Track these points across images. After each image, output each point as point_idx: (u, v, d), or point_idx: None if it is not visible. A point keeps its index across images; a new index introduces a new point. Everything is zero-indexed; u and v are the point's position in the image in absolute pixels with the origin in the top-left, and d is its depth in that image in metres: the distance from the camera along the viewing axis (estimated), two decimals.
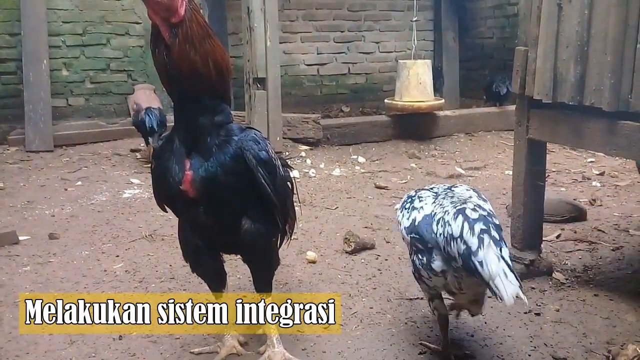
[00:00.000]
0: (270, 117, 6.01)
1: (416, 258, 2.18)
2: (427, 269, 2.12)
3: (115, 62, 7.41)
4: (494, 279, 1.88)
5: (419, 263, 2.16)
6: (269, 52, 5.90)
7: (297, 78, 8.57)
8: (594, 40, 2.63)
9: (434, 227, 2.08)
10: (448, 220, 2.03)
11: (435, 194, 2.29)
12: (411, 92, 6.63)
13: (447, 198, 2.20)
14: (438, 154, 6.43)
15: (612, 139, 2.63)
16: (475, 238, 1.94)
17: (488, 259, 1.90)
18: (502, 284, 1.88)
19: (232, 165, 2.04)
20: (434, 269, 2.09)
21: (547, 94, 2.85)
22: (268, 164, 2.11)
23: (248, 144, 2.06)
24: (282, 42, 7.66)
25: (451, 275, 2.07)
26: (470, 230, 1.96)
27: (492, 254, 1.91)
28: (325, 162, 5.96)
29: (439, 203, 2.18)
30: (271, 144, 2.24)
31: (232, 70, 2.09)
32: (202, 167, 2.03)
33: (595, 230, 3.90)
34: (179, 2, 1.93)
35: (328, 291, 3.05)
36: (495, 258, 1.91)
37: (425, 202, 2.24)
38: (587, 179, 5.26)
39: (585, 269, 3.29)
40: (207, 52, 1.97)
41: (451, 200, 2.16)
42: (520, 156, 3.14)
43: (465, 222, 1.99)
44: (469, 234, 1.95)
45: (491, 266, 1.89)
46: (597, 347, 2.47)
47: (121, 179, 5.36)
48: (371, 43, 8.94)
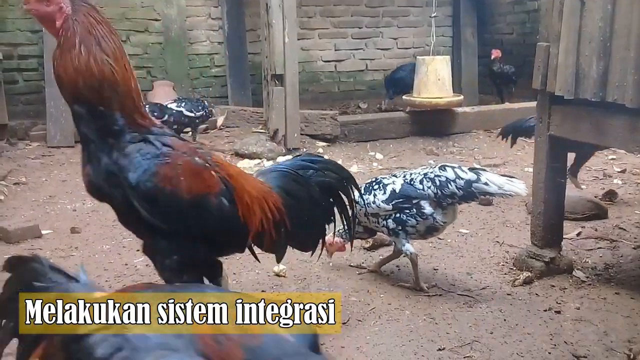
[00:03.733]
0: (287, 114, 6.02)
1: (400, 216, 2.89)
2: (417, 215, 2.86)
3: (134, 58, 7.46)
4: (503, 186, 2.72)
5: (405, 217, 2.88)
6: (287, 48, 5.91)
7: (315, 74, 8.57)
8: (617, 36, 2.59)
9: (418, 186, 2.87)
10: (434, 175, 2.84)
11: (394, 175, 3.05)
12: (429, 88, 6.59)
13: (408, 173, 2.98)
14: (456, 150, 6.40)
15: (635, 136, 2.60)
16: (471, 173, 2.79)
17: (490, 177, 2.77)
18: (511, 186, 2.72)
19: (109, 179, 1.94)
20: (425, 214, 2.86)
21: (569, 90, 2.82)
22: (141, 192, 1.92)
23: (124, 163, 1.92)
24: (299, 38, 7.65)
25: (440, 214, 2.86)
26: (462, 171, 2.80)
27: (490, 174, 2.81)
28: (343, 159, 5.96)
29: (406, 176, 2.96)
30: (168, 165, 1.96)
31: (124, 79, 1.97)
32: (91, 172, 1.98)
33: (616, 228, 3.86)
34: (56, 14, 1.96)
35: (346, 287, 3.06)
36: (495, 175, 2.81)
37: (392, 179, 2.98)
38: (609, 176, 5.20)
39: (606, 267, 3.25)
40: (83, 62, 1.92)
41: (417, 171, 2.95)
42: (541, 153, 3.11)
43: (454, 168, 2.84)
44: (464, 173, 2.79)
45: (496, 180, 2.75)
46: (617, 345, 2.45)
47: None
48: (389, 39, 8.90)
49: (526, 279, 3.04)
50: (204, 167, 2.03)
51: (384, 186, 2.97)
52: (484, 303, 2.85)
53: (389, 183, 2.97)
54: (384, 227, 2.98)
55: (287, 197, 2.25)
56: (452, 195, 2.81)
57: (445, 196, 2.82)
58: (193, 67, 7.80)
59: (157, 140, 1.98)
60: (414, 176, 2.93)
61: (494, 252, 3.50)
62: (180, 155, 1.98)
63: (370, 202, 2.96)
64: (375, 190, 2.98)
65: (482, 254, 3.49)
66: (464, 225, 3.97)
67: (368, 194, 2.98)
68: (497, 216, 4.16)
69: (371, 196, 2.97)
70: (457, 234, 3.80)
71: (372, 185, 3.03)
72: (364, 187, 3.02)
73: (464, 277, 3.19)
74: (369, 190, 3.00)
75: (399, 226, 2.92)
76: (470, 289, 3.00)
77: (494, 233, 3.82)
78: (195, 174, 1.99)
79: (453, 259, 3.43)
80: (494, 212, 4.26)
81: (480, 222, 4.04)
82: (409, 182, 2.92)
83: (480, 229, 3.91)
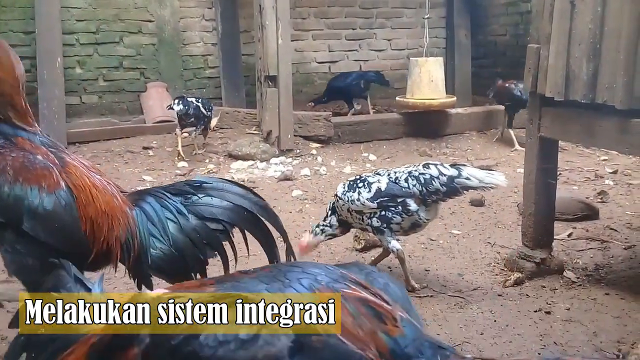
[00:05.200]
0: (281, 115, 6.02)
1: (386, 213, 2.95)
2: (403, 212, 2.92)
3: (128, 60, 7.46)
4: (484, 179, 2.82)
5: (391, 215, 2.94)
6: (280, 49, 5.91)
7: (309, 76, 8.57)
8: (607, 38, 2.61)
9: (403, 184, 2.93)
10: (419, 173, 2.91)
11: (378, 173, 3.09)
12: (422, 89, 6.60)
13: (392, 172, 3.03)
14: (449, 151, 6.41)
15: (624, 137, 2.61)
16: (453, 169, 2.88)
17: (471, 172, 2.85)
18: (492, 178, 2.82)
19: None
20: (410, 210, 2.91)
21: (559, 91, 2.83)
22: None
23: None
24: (293, 39, 7.66)
25: (423, 211, 2.92)
26: (444, 168, 2.89)
27: (471, 169, 2.90)
28: (336, 160, 5.97)
29: (390, 174, 3.01)
30: None
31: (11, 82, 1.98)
32: None
33: (607, 228, 3.88)
34: None
35: None
36: (476, 170, 2.90)
37: (377, 178, 3.03)
38: (600, 177, 5.22)
39: (596, 267, 3.27)
40: None
41: (401, 170, 3.02)
42: (531, 154, 3.12)
43: (437, 165, 2.92)
44: (446, 169, 2.88)
45: (476, 174, 2.84)
46: (607, 346, 2.46)
47: (133, 176, 5.40)
48: (383, 40, 8.91)
49: (517, 279, 3.05)
50: (44, 165, 1.99)
51: (369, 184, 3.01)
52: (475, 304, 2.86)
53: (374, 181, 3.01)
54: (368, 225, 3.03)
55: (147, 221, 2.10)
56: (437, 192, 2.88)
57: (430, 193, 2.89)
58: (187, 69, 7.78)
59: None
60: (399, 174, 2.99)
61: (485, 253, 3.51)
62: (18, 150, 1.97)
63: (354, 200, 3.00)
64: (360, 188, 3.02)
65: (474, 254, 3.50)
66: (456, 226, 3.98)
67: (352, 191, 3.03)
68: (489, 217, 4.18)
69: (355, 194, 3.01)
70: (449, 235, 3.82)
71: (357, 183, 3.07)
72: (348, 185, 3.09)
73: (455, 278, 3.20)
74: (353, 187, 3.05)
75: (384, 224, 2.97)
76: (461, 290, 3.01)
77: (486, 234, 3.83)
78: (26, 168, 1.96)
79: (445, 260, 3.44)
80: (486, 212, 4.27)
81: (472, 223, 4.05)
82: (394, 180, 2.98)
83: (472, 229, 3.93)
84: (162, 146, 6.35)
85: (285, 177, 5.28)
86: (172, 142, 6.21)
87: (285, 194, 4.86)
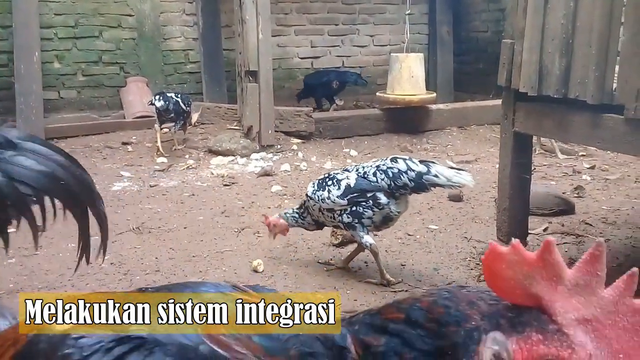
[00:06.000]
0: (262, 110, 5.99)
1: (357, 209, 2.94)
2: (374, 206, 2.92)
3: (107, 54, 7.38)
4: (451, 179, 2.80)
5: (362, 209, 2.93)
6: (261, 44, 5.87)
7: (291, 71, 8.55)
8: (579, 33, 2.63)
9: (372, 179, 2.92)
10: (387, 167, 2.90)
11: (347, 170, 3.08)
12: (403, 85, 6.61)
13: (360, 167, 3.03)
14: (430, 147, 6.43)
15: (596, 132, 2.63)
16: (422, 165, 2.85)
17: (439, 170, 2.83)
18: (459, 178, 2.81)
19: None
20: (381, 204, 2.91)
21: (532, 86, 2.85)
22: None
23: None
24: (275, 35, 7.64)
25: (393, 204, 2.92)
26: (413, 163, 2.87)
27: (440, 167, 2.87)
28: (317, 155, 5.96)
29: (359, 169, 3.01)
30: None
31: None
32: None
33: (583, 223, 3.91)
34: None
35: (313, 284, 3.06)
36: (444, 168, 2.87)
37: (346, 174, 3.02)
38: (578, 172, 5.26)
39: (570, 261, 3.19)
40: None
41: (369, 164, 3.00)
42: (506, 149, 3.14)
43: (405, 160, 2.90)
44: (414, 165, 2.86)
45: (445, 173, 2.82)
46: None
47: (111, 172, 5.34)
48: (365, 36, 8.91)
49: None
50: None
51: (337, 181, 3.01)
52: None
53: (343, 178, 3.01)
54: (340, 222, 3.03)
55: None
56: (404, 186, 2.88)
57: (398, 187, 2.89)
58: (167, 63, 7.72)
59: None
60: (367, 169, 2.98)
61: (461, 248, 3.52)
62: None
63: (324, 198, 3.01)
64: (329, 186, 3.02)
65: (450, 249, 3.51)
66: (433, 221, 3.99)
67: (321, 190, 3.03)
68: (467, 212, 4.19)
69: (325, 192, 3.01)
70: (426, 230, 3.82)
71: (326, 181, 3.06)
72: (317, 183, 3.09)
73: (430, 272, 3.20)
74: (322, 186, 3.05)
75: (355, 219, 2.97)
76: (436, 284, 3.02)
77: (463, 229, 3.85)
78: None
79: (421, 254, 3.45)
80: (464, 208, 4.29)
81: (449, 218, 4.06)
82: (362, 175, 2.97)
83: (449, 224, 3.94)
84: (141, 142, 6.29)
85: (265, 173, 5.26)
86: (152, 137, 6.15)
87: (265, 190, 4.84)
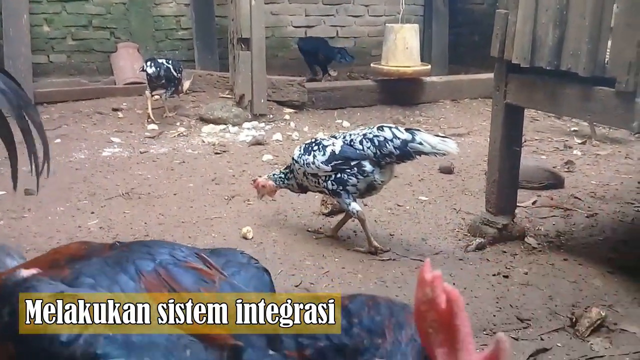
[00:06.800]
0: (254, 79, 5.93)
1: (341, 175, 2.95)
2: (359, 174, 2.92)
3: (97, 18, 7.24)
4: (436, 146, 2.80)
5: (346, 177, 2.94)
6: (253, 11, 5.78)
7: (285, 40, 8.43)
8: (573, 4, 2.60)
9: (358, 146, 2.93)
10: (373, 135, 2.91)
11: (334, 137, 3.11)
12: (397, 56, 6.55)
13: (348, 134, 3.04)
14: (423, 120, 6.41)
15: (587, 104, 2.63)
16: (407, 133, 2.86)
17: (424, 137, 2.83)
18: (444, 145, 2.81)
19: None
20: (366, 171, 2.92)
21: (525, 58, 2.83)
22: None
23: None
24: (269, 2, 7.52)
25: (378, 173, 2.93)
26: (399, 131, 2.88)
27: (425, 134, 2.87)
28: (309, 126, 5.93)
29: (346, 137, 3.02)
30: None
31: None
32: None
33: (571, 197, 3.93)
34: None
35: (302, 251, 3.07)
36: (429, 135, 2.87)
37: (332, 141, 3.04)
38: (569, 147, 5.27)
39: (558, 234, 3.32)
40: None
41: (356, 132, 3.02)
42: (497, 121, 3.13)
43: (391, 128, 2.91)
44: (400, 133, 2.86)
45: (430, 140, 2.82)
46: (561, 309, 2.52)
47: (101, 138, 5.30)
48: (360, 6, 8.77)
49: (479, 244, 3.09)
50: None
51: (323, 147, 3.03)
52: (436, 268, 2.88)
53: (329, 144, 3.03)
54: (324, 188, 3.05)
55: None
56: (390, 155, 2.89)
57: (384, 155, 2.90)
58: (158, 29, 7.59)
59: None
60: (354, 137, 2.99)
61: (450, 219, 3.54)
62: None
63: (309, 163, 3.04)
64: (315, 152, 3.04)
65: (439, 220, 3.53)
66: (423, 192, 4.00)
67: (307, 154, 3.06)
68: (457, 184, 4.21)
69: (310, 157, 3.04)
70: (416, 201, 3.84)
71: (312, 146, 3.09)
72: (304, 148, 3.12)
73: (418, 242, 3.23)
74: (308, 150, 3.08)
75: (340, 186, 2.99)
76: (424, 254, 3.04)
77: (452, 200, 3.86)
78: None
79: (410, 225, 3.47)
80: (455, 180, 4.30)
81: (439, 190, 4.07)
82: (348, 143, 2.99)
83: (439, 196, 3.95)
84: (132, 108, 6.23)
85: (256, 142, 5.24)
86: (143, 104, 6.09)
87: (256, 159, 4.83)
